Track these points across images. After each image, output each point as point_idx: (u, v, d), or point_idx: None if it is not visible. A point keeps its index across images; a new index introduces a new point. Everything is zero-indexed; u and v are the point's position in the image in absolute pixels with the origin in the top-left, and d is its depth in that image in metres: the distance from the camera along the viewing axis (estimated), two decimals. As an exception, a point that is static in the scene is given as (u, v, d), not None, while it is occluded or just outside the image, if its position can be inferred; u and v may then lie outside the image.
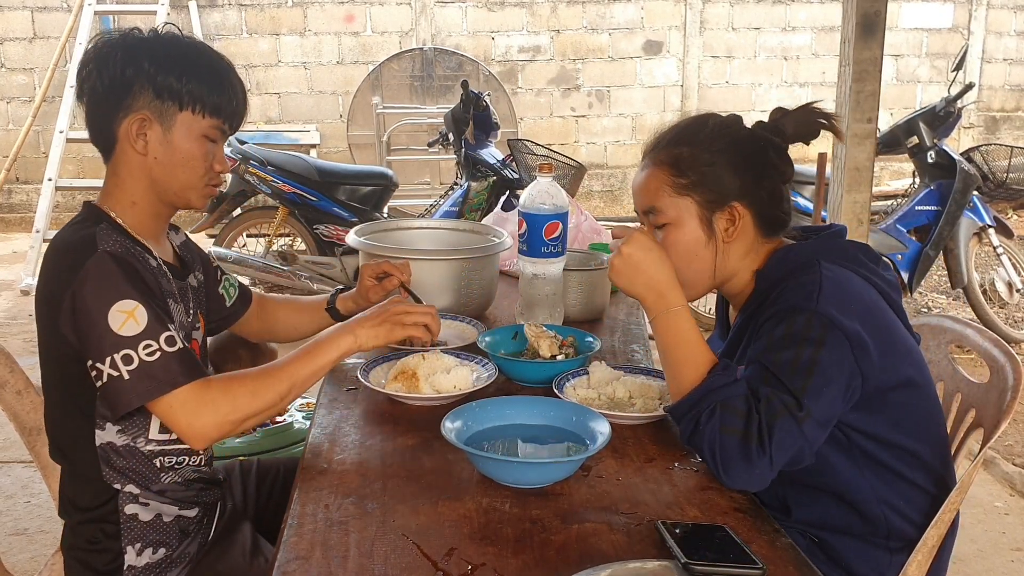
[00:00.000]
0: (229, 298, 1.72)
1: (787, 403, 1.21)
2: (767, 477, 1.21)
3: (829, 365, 1.23)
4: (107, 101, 1.36)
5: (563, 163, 4.46)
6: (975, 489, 1.34)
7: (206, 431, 1.27)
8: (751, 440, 1.20)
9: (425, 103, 7.25)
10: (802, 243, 1.42)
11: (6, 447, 3.17)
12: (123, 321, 1.24)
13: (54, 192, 5.97)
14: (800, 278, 1.31)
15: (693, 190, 1.37)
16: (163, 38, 1.39)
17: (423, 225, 2.31)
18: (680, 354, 1.32)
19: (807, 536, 1.40)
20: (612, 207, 7.94)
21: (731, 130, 1.40)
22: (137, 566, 1.39)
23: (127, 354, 1.23)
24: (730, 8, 7.86)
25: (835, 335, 1.24)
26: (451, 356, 1.63)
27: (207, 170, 1.42)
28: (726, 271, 1.41)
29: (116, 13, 6.89)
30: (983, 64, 8.22)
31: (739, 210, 1.37)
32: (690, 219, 1.38)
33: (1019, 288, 4.51)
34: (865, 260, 1.38)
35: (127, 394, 1.24)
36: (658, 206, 1.39)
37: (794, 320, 1.26)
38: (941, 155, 4.34)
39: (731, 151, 1.37)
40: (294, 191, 4.41)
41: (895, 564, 1.35)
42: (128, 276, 1.28)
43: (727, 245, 1.39)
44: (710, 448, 1.22)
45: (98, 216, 1.38)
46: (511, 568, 1.03)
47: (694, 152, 1.38)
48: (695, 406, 1.26)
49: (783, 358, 1.24)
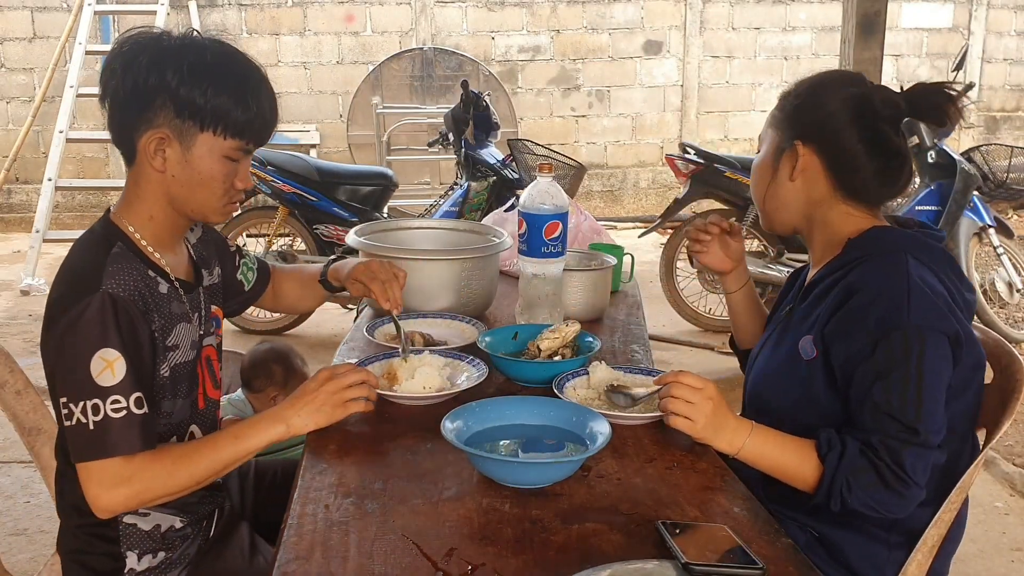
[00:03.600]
0: (248, 283, 1.71)
1: (904, 438, 1.26)
2: (921, 494, 1.27)
3: (934, 372, 1.27)
4: (128, 109, 1.32)
5: (563, 163, 4.47)
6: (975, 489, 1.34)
7: (112, 506, 1.24)
8: (890, 482, 1.25)
9: (425, 103, 7.25)
10: (896, 229, 1.44)
11: (6, 447, 3.17)
12: (102, 369, 1.23)
13: (54, 192, 5.97)
14: (883, 273, 1.33)
15: (778, 124, 1.49)
16: (191, 45, 1.32)
17: (423, 225, 2.31)
18: (786, 459, 1.33)
19: (807, 531, 1.41)
20: (612, 207, 7.94)
21: (839, 83, 1.46)
22: (137, 570, 1.39)
23: (96, 404, 1.23)
24: (730, 8, 7.86)
25: (934, 337, 1.27)
26: (440, 356, 1.62)
27: (227, 189, 1.38)
28: (801, 213, 1.49)
29: (116, 13, 6.88)
30: (983, 64, 8.22)
31: (801, 150, 1.44)
32: (771, 150, 1.50)
33: (1019, 288, 4.51)
34: (944, 264, 1.38)
35: (83, 443, 1.23)
36: (762, 135, 1.54)
37: (890, 339, 1.27)
38: (941, 155, 4.33)
39: (826, 100, 1.43)
40: (294, 191, 4.41)
41: (893, 560, 1.36)
42: (119, 326, 1.26)
43: (792, 184, 1.46)
44: (868, 508, 1.28)
45: (114, 234, 1.35)
46: (511, 568, 1.03)
47: (793, 91, 1.48)
48: (831, 490, 1.28)
49: (891, 390, 1.26)
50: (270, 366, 2.68)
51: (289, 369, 2.73)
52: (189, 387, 1.42)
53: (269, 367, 2.68)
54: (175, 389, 1.39)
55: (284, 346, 2.80)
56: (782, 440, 1.34)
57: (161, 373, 1.36)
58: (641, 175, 8.04)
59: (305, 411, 1.32)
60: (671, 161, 4.60)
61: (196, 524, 1.48)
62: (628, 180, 8.02)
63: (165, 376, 1.36)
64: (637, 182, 8.04)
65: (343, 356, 1.78)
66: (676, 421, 1.30)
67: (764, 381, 1.51)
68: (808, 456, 1.31)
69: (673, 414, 1.30)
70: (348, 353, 1.80)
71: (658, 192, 8.00)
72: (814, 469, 1.30)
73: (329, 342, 4.25)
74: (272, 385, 2.71)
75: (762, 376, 1.52)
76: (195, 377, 1.44)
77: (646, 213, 7.58)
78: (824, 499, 1.29)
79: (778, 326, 1.54)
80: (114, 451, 1.23)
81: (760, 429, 1.33)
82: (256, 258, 1.75)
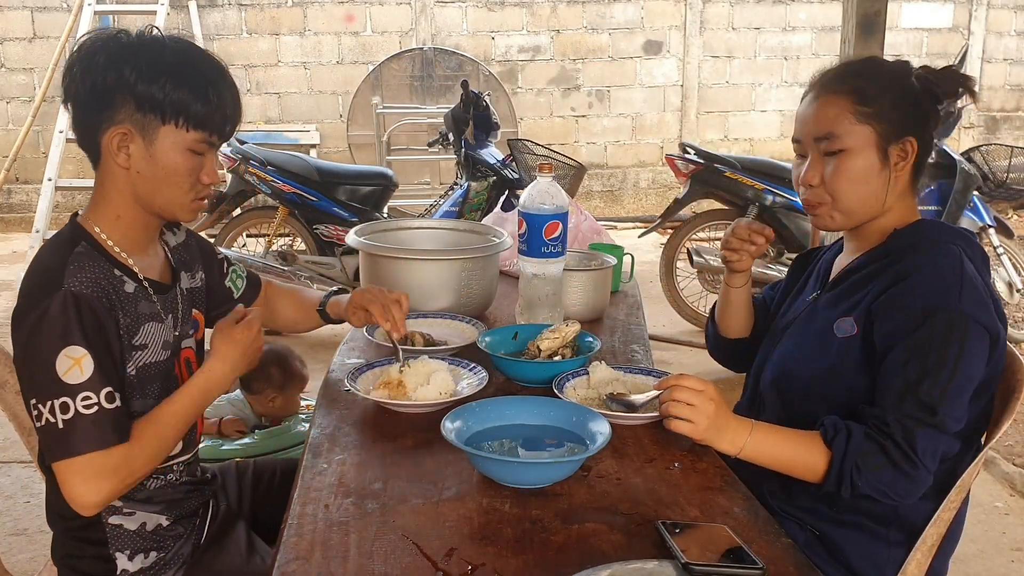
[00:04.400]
0: (237, 290, 1.69)
1: (921, 417, 1.26)
2: (930, 479, 1.28)
3: (968, 362, 1.28)
4: (89, 109, 1.32)
5: (563, 163, 4.47)
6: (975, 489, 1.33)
7: (96, 500, 1.25)
8: (899, 462, 1.26)
9: (425, 103, 7.25)
10: (945, 224, 1.45)
11: (6, 447, 3.17)
12: (68, 367, 1.23)
13: (54, 192, 5.97)
14: (937, 260, 1.34)
15: (875, 119, 1.40)
16: (148, 42, 1.32)
17: (423, 225, 2.31)
18: (790, 452, 1.33)
19: (807, 530, 1.41)
20: (612, 207, 7.94)
21: (905, 72, 1.45)
22: (130, 570, 1.39)
23: (65, 402, 1.22)
24: (730, 8, 7.86)
25: (977, 330, 1.28)
26: (440, 361, 1.60)
27: (193, 184, 1.37)
28: (887, 205, 1.44)
29: (116, 13, 6.88)
30: (983, 64, 8.22)
31: (913, 145, 1.41)
32: (868, 147, 1.40)
33: (1019, 288, 4.50)
34: (983, 265, 1.40)
35: (55, 443, 1.23)
36: (836, 132, 1.41)
37: (935, 319, 1.28)
38: (941, 155, 4.33)
39: (907, 91, 1.42)
40: (294, 191, 4.41)
41: (893, 559, 1.36)
42: (83, 322, 1.25)
43: (895, 178, 1.42)
44: (879, 492, 1.28)
45: (78, 235, 1.34)
46: (511, 568, 1.03)
47: (879, 85, 1.41)
48: (841, 474, 1.28)
49: (927, 368, 1.27)
50: (269, 368, 2.68)
51: (288, 372, 2.73)
52: (162, 388, 1.40)
53: (268, 369, 2.68)
54: (144, 389, 1.37)
55: (283, 348, 2.80)
56: (784, 434, 1.34)
57: (128, 372, 1.34)
58: (641, 175, 8.04)
59: (233, 360, 1.44)
60: (671, 161, 4.60)
61: (186, 523, 1.47)
62: (628, 180, 8.02)
63: (132, 375, 1.35)
64: (637, 182, 8.04)
65: (344, 356, 1.78)
66: (678, 424, 1.30)
67: (790, 362, 1.49)
68: (813, 445, 1.31)
69: (675, 417, 1.30)
70: (348, 353, 1.80)
71: (658, 192, 8.01)
72: (821, 457, 1.30)
73: (329, 342, 4.25)
74: (270, 387, 2.71)
75: (788, 359, 1.50)
76: (172, 378, 1.43)
77: (646, 213, 7.58)
78: (835, 486, 1.29)
79: (802, 312, 1.53)
80: (87, 447, 1.22)
81: (761, 426, 1.33)
82: (247, 270, 1.74)
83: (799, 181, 1.47)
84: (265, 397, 2.72)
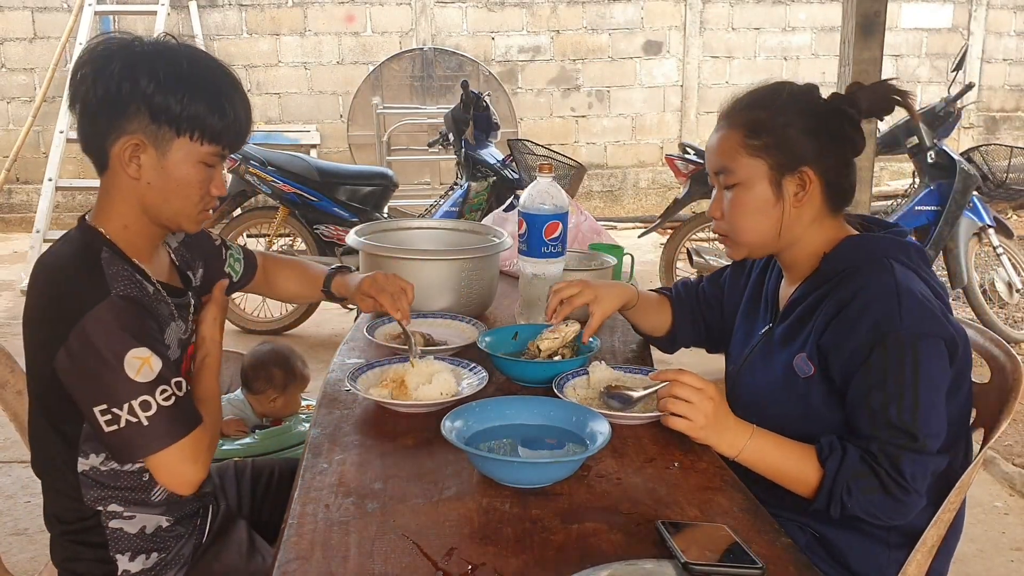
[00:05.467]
0: (236, 274, 1.71)
1: (902, 443, 1.26)
2: (922, 502, 1.28)
3: (929, 377, 1.26)
4: (100, 117, 1.29)
5: (563, 163, 4.47)
6: (975, 489, 1.33)
7: (202, 476, 1.32)
8: (890, 488, 1.25)
9: (425, 103, 7.25)
10: (872, 235, 1.43)
11: (6, 447, 3.17)
12: (139, 367, 1.25)
13: (54, 192, 5.96)
14: (871, 284, 1.32)
15: (766, 152, 1.38)
16: (165, 52, 1.30)
17: (423, 225, 2.31)
18: (786, 463, 1.33)
19: (807, 531, 1.41)
20: (612, 207, 7.94)
21: (807, 97, 1.42)
22: (131, 572, 1.39)
23: (145, 400, 1.25)
24: (730, 8, 7.86)
25: (927, 344, 1.27)
26: (441, 362, 1.60)
27: (203, 196, 1.37)
28: (791, 236, 1.43)
29: (116, 13, 6.88)
30: (983, 64, 8.22)
31: (809, 175, 1.39)
32: (760, 180, 1.39)
33: (1019, 288, 4.51)
34: (921, 263, 1.39)
35: (144, 439, 1.26)
36: (730, 167, 1.41)
37: (885, 345, 1.27)
38: (941, 155, 4.34)
39: (806, 117, 1.39)
40: (294, 191, 4.41)
41: (893, 561, 1.36)
42: (141, 322, 1.28)
43: (795, 210, 1.40)
44: (868, 514, 1.28)
45: (97, 240, 1.34)
46: (511, 568, 1.03)
47: (770, 115, 1.39)
48: (831, 494, 1.29)
49: (889, 394, 1.26)
50: (271, 369, 2.68)
51: (289, 372, 2.73)
52: None
53: (270, 370, 2.68)
54: None
55: (285, 348, 2.80)
56: (783, 444, 1.33)
57: None
58: (641, 175, 8.04)
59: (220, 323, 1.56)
60: (671, 161, 4.60)
61: (187, 523, 1.48)
62: (628, 180, 8.02)
63: None
64: (637, 182, 8.04)
65: (344, 356, 1.78)
66: (675, 422, 1.30)
67: (761, 396, 1.49)
68: (809, 461, 1.31)
69: (672, 414, 1.30)
70: (349, 353, 1.80)
71: (658, 192, 8.01)
72: (815, 474, 1.30)
73: (329, 342, 4.25)
74: (272, 388, 2.71)
75: (757, 391, 1.50)
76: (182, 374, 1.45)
77: (646, 213, 7.58)
78: (824, 504, 1.29)
79: (758, 344, 1.52)
80: (180, 433, 1.28)
81: (761, 432, 1.33)
82: (241, 248, 1.75)
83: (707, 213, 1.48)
84: (266, 397, 2.72)
